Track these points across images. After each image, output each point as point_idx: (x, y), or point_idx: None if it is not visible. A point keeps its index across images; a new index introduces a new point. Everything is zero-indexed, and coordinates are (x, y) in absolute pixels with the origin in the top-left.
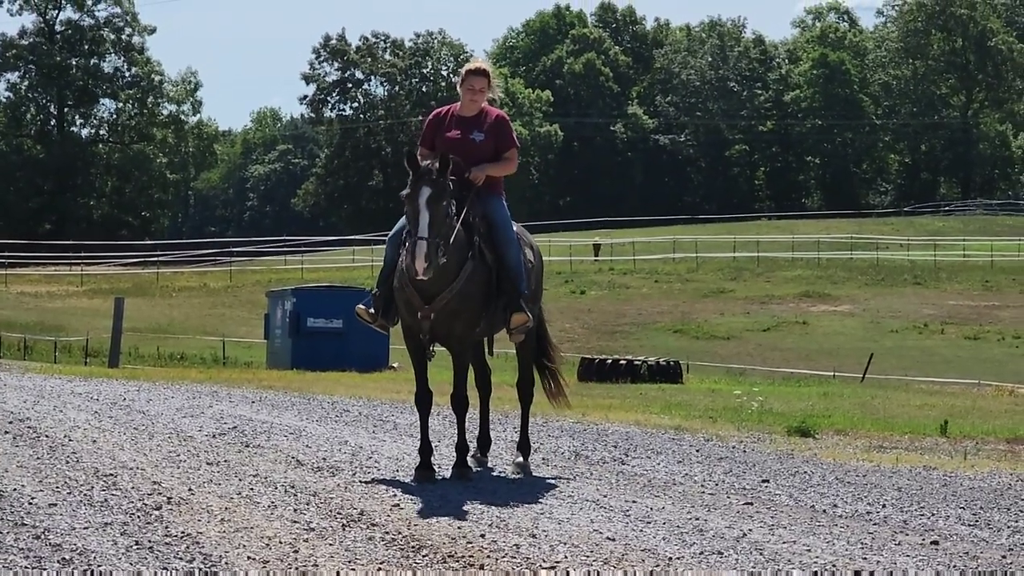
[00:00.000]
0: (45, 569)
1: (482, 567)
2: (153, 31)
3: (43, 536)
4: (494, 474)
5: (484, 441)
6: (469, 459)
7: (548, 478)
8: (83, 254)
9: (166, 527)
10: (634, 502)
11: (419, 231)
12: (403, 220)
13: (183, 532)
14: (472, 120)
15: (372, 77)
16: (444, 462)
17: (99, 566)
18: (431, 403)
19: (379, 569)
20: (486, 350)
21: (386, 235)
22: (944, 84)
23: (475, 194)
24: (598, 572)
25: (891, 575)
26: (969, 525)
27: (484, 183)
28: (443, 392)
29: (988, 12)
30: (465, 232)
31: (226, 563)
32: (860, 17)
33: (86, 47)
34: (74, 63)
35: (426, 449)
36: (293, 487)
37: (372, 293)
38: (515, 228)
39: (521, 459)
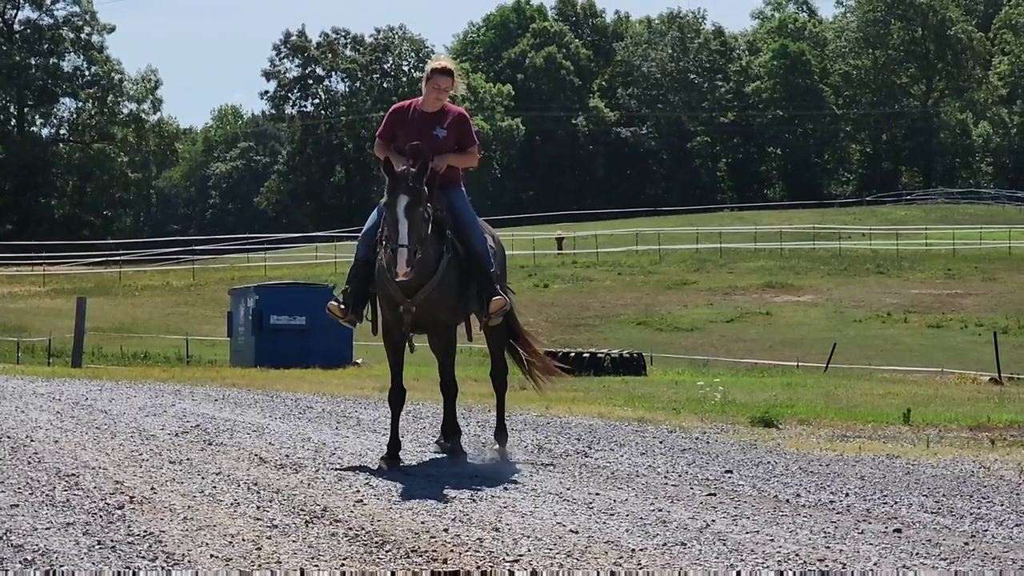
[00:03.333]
0: (7, 570)
1: (445, 561)
2: (112, 30)
3: (5, 537)
4: (456, 469)
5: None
6: (435, 444)
7: (511, 472)
8: (45, 254)
9: (128, 526)
10: (597, 494)
11: (400, 239)
12: (375, 216)
13: (146, 531)
14: (434, 117)
15: (333, 73)
16: (407, 458)
17: (61, 566)
18: (404, 400)
19: (342, 565)
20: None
21: (349, 231)
22: (904, 73)
23: (437, 186)
24: (561, 565)
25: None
26: (932, 513)
27: (445, 175)
28: (412, 388)
29: (947, 1)
30: (437, 227)
31: (189, 561)
32: (819, 7)
33: (45, 46)
34: (33, 62)
35: (395, 444)
36: (256, 484)
37: (343, 291)
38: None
39: (498, 446)
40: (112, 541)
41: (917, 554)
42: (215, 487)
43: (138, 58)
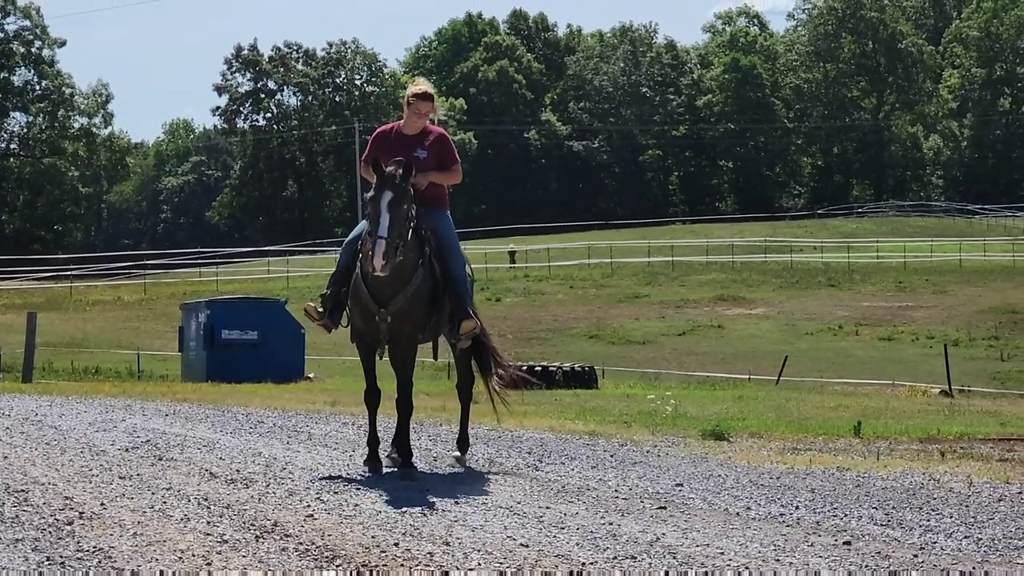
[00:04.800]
0: None
1: None
2: (63, 44)
3: None
4: (407, 483)
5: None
6: (384, 457)
7: (462, 485)
8: None
9: (78, 542)
10: (548, 508)
11: (380, 231)
12: (360, 227)
13: (95, 547)
14: (415, 139)
15: (285, 87)
16: (357, 472)
17: None
18: (379, 400)
19: None
20: (434, 355)
21: (301, 246)
22: (855, 87)
23: (421, 204)
24: None
25: None
26: (881, 525)
27: (432, 197)
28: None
29: (897, 15)
30: (418, 242)
31: None
32: (770, 21)
33: None
34: None
35: (373, 440)
36: (206, 499)
37: (322, 295)
38: None
39: (459, 453)
40: (61, 557)
41: (867, 566)
42: (165, 502)
43: (89, 72)
